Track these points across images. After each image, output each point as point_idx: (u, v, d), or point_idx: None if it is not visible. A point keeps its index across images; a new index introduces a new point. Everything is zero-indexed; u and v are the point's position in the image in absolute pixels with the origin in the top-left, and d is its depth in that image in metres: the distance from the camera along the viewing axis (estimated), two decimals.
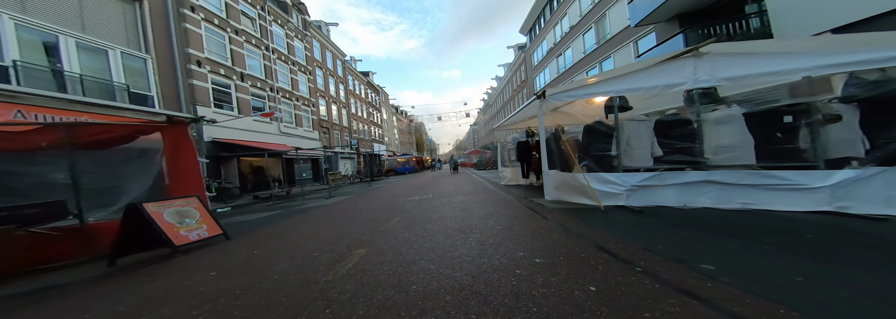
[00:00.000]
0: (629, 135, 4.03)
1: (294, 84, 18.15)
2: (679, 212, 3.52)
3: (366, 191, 10.99)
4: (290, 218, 5.83)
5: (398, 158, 33.85)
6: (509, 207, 5.04)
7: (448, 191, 8.51)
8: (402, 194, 8.71)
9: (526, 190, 7.27)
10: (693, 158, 3.57)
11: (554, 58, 22.18)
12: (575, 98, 4.33)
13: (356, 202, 7.66)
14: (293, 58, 18.51)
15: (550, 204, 4.76)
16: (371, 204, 6.84)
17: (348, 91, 29.30)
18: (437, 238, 3.33)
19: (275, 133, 15.15)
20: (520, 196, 6.40)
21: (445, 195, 7.65)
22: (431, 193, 8.28)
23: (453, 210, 5.14)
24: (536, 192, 6.69)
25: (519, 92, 32.82)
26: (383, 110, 42.96)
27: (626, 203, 3.91)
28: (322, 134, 22.23)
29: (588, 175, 4.03)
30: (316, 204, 7.83)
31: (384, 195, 8.97)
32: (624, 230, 3.12)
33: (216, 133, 11.03)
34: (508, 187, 8.55)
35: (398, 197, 8.07)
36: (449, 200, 6.54)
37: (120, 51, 7.91)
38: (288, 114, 17.15)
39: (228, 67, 12.25)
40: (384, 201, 7.31)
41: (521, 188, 8.02)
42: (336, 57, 27.08)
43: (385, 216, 4.99)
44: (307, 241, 3.65)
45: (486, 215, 4.45)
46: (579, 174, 4.24)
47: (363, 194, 9.98)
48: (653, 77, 3.56)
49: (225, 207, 8.25)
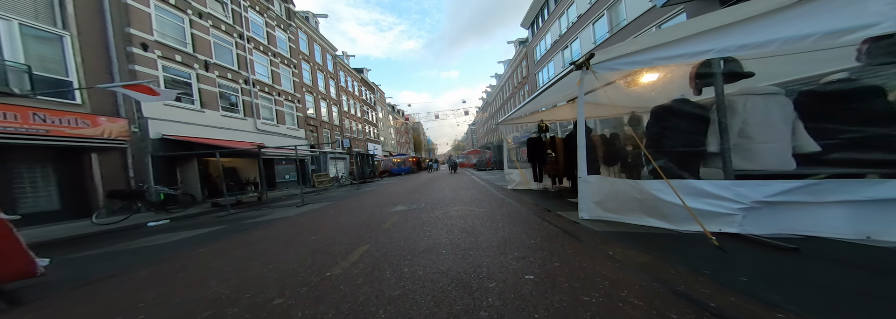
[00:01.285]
0: (747, 118, 2.39)
1: (275, 77, 16.48)
2: (865, 252, 1.93)
3: (349, 197, 9.35)
4: (220, 240, 4.18)
5: (393, 158, 32.20)
6: (532, 228, 3.42)
7: (444, 199, 6.87)
8: (389, 202, 7.07)
9: (541, 198, 5.66)
10: (891, 156, 1.95)
11: (559, 51, 20.63)
12: (641, 65, 2.72)
13: (326, 214, 6.01)
14: (274, 49, 16.84)
15: (593, 224, 3.15)
16: (342, 218, 5.20)
17: (340, 87, 27.63)
18: (421, 306, 1.71)
19: (249, 130, 13.47)
20: (538, 207, 4.78)
21: (440, 204, 6.03)
22: (424, 201, 6.65)
23: (450, 232, 3.51)
24: (557, 201, 5.07)
25: (519, 89, 31.29)
26: (379, 109, 41.30)
27: (741, 229, 2.30)
28: (310, 132, 20.55)
29: (675, 182, 2.41)
30: (278, 216, 6.18)
31: (367, 202, 7.33)
32: (778, 287, 1.54)
33: (167, 129, 9.34)
34: (517, 192, 6.94)
35: (382, 206, 6.43)
36: (444, 213, 4.92)
37: (19, 23, 6.23)
38: (267, 110, 15.46)
39: (188, 54, 10.56)
40: (362, 212, 5.67)
41: (533, 194, 6.41)
42: (326, 51, 25.41)
43: (347, 243, 3.35)
44: (169, 306, 2.02)
45: (501, 244, 2.83)
46: (652, 181, 2.63)
47: (343, 200, 8.34)
48: (797, 21, 1.97)
49: (162, 220, 6.58)
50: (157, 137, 8.99)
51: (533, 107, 6.71)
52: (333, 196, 10.50)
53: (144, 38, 9.14)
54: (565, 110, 6.99)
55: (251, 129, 13.63)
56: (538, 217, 4.03)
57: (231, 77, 12.72)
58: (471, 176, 16.60)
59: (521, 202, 5.53)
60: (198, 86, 10.85)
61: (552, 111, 7.15)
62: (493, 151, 27.77)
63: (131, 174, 8.16)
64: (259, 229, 4.80)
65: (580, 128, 3.27)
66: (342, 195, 10.54)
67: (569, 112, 6.99)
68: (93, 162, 7.32)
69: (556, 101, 6.83)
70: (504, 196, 6.62)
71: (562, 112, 7.09)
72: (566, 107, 6.92)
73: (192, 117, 10.46)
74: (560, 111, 7.10)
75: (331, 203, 8.14)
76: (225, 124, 11.99)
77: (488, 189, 8.49)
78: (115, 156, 7.91)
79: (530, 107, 6.43)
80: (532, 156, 7.29)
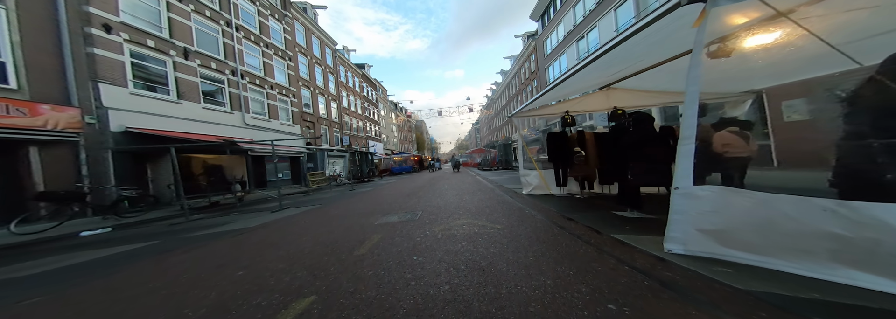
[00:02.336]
0: None
1: (268, 69, 15.34)
2: None
3: (337, 200, 8.12)
4: (124, 268, 2.95)
5: (394, 157, 31.03)
6: (587, 266, 2.13)
7: (447, 206, 5.60)
8: (379, 208, 5.82)
9: (571, 207, 4.35)
10: None
11: (573, 42, 19.20)
12: None
13: (294, 226, 4.77)
14: (267, 39, 15.70)
15: (705, 268, 1.85)
16: (308, 234, 3.95)
17: (339, 83, 26.49)
18: None
19: (236, 125, 12.32)
20: (577, 224, 3.47)
21: (441, 214, 4.75)
22: (421, 209, 5.38)
23: (453, 271, 2.24)
24: (595, 213, 3.74)
25: (527, 85, 29.86)
26: (381, 106, 40.16)
27: None
28: (306, 128, 19.43)
29: None
30: (234, 227, 4.94)
31: (353, 209, 6.09)
32: None
33: (134, 120, 8.18)
34: (536, 199, 5.63)
35: (368, 214, 5.18)
36: (446, 230, 3.64)
37: None
38: (258, 104, 14.32)
39: (163, 40, 9.40)
40: (339, 225, 4.43)
41: (558, 202, 5.09)
42: (325, 44, 24.27)
43: (279, 295, 2.09)
44: None
45: (546, 305, 1.55)
46: None
47: (328, 205, 7.11)
48: None
49: (103, 227, 5.40)
50: (119, 130, 7.83)
51: (557, 95, 5.39)
52: (322, 198, 9.29)
53: (108, 18, 7.99)
54: (596, 100, 5.66)
55: (238, 124, 12.48)
56: (587, 243, 2.72)
57: (216, 67, 11.57)
58: (476, 176, 15.30)
59: (547, 214, 4.22)
60: (174, 75, 9.70)
61: (580, 101, 5.82)
62: (499, 150, 26.43)
63: (84, 172, 7.02)
64: (179, 252, 3.49)
65: (689, 106, 1.94)
66: (332, 197, 9.33)
67: (600, 101, 5.65)
68: (31, 159, 6.19)
69: (589, 87, 5.51)
70: (522, 204, 5.32)
71: (592, 101, 5.76)
72: (598, 97, 5.59)
73: (166, 109, 9.31)
74: (590, 100, 5.76)
75: (312, 208, 6.92)
76: (207, 117, 10.83)
77: (499, 193, 7.19)
78: (64, 152, 6.77)
79: (554, 94, 5.11)
80: (554, 154, 6.00)
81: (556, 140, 5.98)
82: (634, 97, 5.29)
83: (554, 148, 5.99)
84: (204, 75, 10.96)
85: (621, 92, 5.29)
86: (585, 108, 6.05)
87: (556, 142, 5.94)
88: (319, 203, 7.90)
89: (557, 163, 6.01)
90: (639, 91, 5.15)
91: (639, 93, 5.19)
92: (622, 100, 5.38)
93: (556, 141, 5.95)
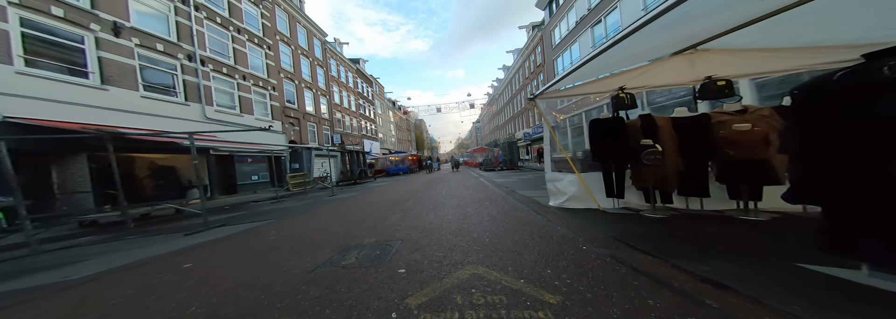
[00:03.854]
0: None
1: (239, 57, 13.37)
2: None
3: (301, 212, 6.14)
4: None
5: (390, 157, 29.06)
6: None
7: (443, 230, 3.60)
8: (341, 232, 3.83)
9: (657, 237, 2.38)
10: None
11: (588, 27, 17.20)
12: None
13: (171, 276, 2.80)
14: (240, 24, 13.73)
15: None
16: (172, 302, 1.98)
17: (330, 77, 24.52)
18: None
19: (194, 119, 10.34)
20: (725, 292, 1.46)
21: (432, 250, 2.75)
22: (401, 237, 3.38)
23: None
24: (717, 258, 1.67)
25: (532, 79, 27.88)
26: (378, 104, 38.20)
27: None
28: (289, 125, 17.47)
29: None
30: (54, 280, 2.99)
31: (306, 231, 4.10)
32: None
33: (19, 108, 6.11)
34: (580, 218, 3.60)
35: (319, 245, 3.20)
36: (436, 306, 1.64)
37: None
38: (226, 95, 12.35)
39: (78, 9, 7.39)
40: (248, 277, 2.45)
41: (627, 225, 3.07)
42: (312, 34, 22.29)
43: None
44: None
45: None
46: None
47: (282, 221, 5.12)
48: None
49: None
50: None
51: (605, 65, 3.40)
52: (285, 208, 7.31)
53: None
54: (672, 68, 3.63)
55: (197, 118, 10.50)
56: None
57: (164, 49, 9.58)
58: (479, 178, 13.30)
59: (633, 259, 2.23)
60: (97, 54, 7.70)
61: (645, 71, 3.78)
62: (502, 149, 24.42)
63: None
64: None
65: None
66: (299, 207, 7.34)
67: (679, 70, 3.62)
68: None
69: (656, 51, 3.51)
70: (565, 229, 3.30)
71: (665, 71, 3.72)
72: (673, 64, 3.57)
73: (84, 96, 7.31)
74: (663, 70, 3.72)
75: (254, 225, 4.94)
76: (150, 109, 8.86)
77: (516, 204, 5.20)
78: None
79: (602, 62, 3.13)
80: (602, 151, 4.02)
81: (606, 130, 3.99)
82: (744, 59, 3.28)
83: (601, 141, 4.00)
84: (145, 57, 8.97)
85: (716, 54, 3.29)
86: (652, 82, 4.04)
87: (607, 133, 3.96)
88: (273, 217, 5.91)
89: (608, 164, 4.02)
90: (751, 50, 3.14)
91: (752, 53, 3.18)
92: (720, 65, 3.37)
93: (607, 131, 3.97)
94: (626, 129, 3.85)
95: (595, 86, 4.22)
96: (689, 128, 3.42)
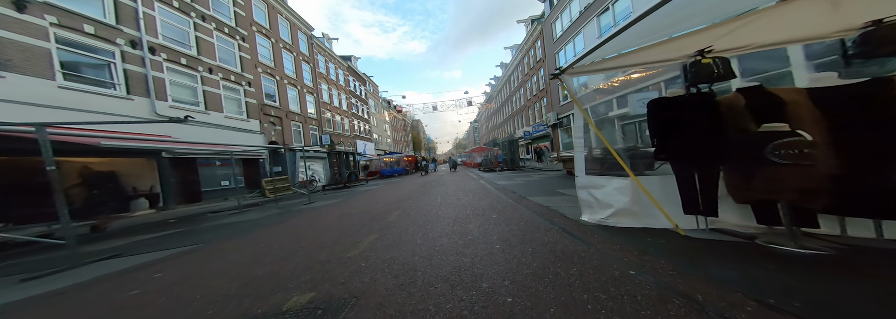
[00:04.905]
0: None
1: (204, 47, 11.85)
2: None
3: (248, 232, 4.65)
4: None
5: (385, 157, 27.57)
6: None
7: (435, 276, 2.12)
8: (268, 275, 2.35)
9: None
10: None
11: (593, 17, 15.85)
12: None
13: None
14: (205, 10, 12.21)
15: None
16: None
17: (318, 74, 22.99)
18: None
19: (139, 114, 8.79)
20: None
21: None
22: (358, 287, 1.89)
23: None
24: None
25: (532, 75, 26.55)
26: (372, 103, 36.67)
27: None
28: (270, 124, 15.94)
29: None
30: None
31: (212, 275, 2.63)
32: None
33: None
34: (640, 245, 2.09)
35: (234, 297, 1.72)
36: None
37: None
38: (186, 90, 10.81)
39: None
40: None
41: (745, 272, 1.52)
42: (296, 28, 20.77)
43: None
44: None
45: None
46: None
47: (210, 246, 3.64)
48: None
49: None
50: None
51: (675, 20, 1.94)
52: (233, 224, 5.82)
53: None
54: (798, 15, 2.12)
55: (145, 114, 8.95)
56: None
57: (96, 32, 8.03)
58: (479, 180, 11.84)
59: None
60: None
61: (751, 22, 2.26)
62: (502, 148, 23.00)
63: None
64: None
65: None
66: (257, 219, 5.85)
67: (814, 16, 2.12)
68: None
69: None
70: (637, 270, 1.82)
71: (787, 20, 2.20)
72: (801, 7, 2.10)
73: None
74: (779, 19, 2.17)
75: (130, 266, 3.45)
76: (75, 102, 7.28)
77: (533, 218, 3.72)
78: None
79: (665, 16, 1.65)
80: (679, 145, 2.58)
81: (680, 113, 2.56)
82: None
83: (674, 129, 2.57)
84: (64, 40, 7.39)
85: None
86: (759, 39, 2.53)
87: (684, 119, 2.53)
88: (204, 239, 4.40)
89: (688, 165, 2.58)
90: None
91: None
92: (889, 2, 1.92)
93: (683, 115, 2.54)
94: (718, 111, 2.41)
95: (654, 53, 2.75)
96: (850, 105, 1.99)
